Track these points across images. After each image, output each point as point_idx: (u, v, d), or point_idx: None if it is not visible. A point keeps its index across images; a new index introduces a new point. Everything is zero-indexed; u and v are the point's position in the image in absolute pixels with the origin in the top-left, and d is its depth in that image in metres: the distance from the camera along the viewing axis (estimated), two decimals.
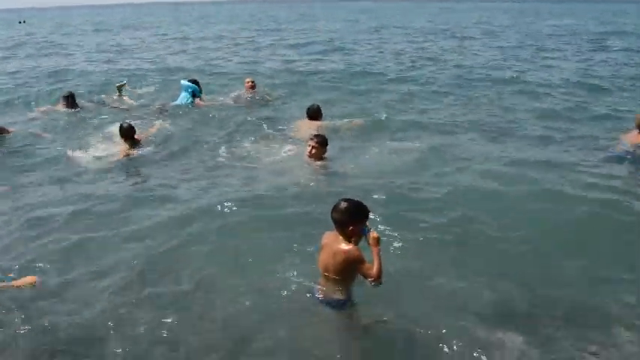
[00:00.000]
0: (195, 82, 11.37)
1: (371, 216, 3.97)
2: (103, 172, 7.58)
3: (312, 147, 6.88)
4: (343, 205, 3.74)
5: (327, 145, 7.00)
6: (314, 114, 9.06)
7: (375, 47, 22.65)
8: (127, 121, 8.66)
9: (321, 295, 3.92)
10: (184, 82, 11.30)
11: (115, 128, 8.78)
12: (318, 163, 6.92)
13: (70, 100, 11.10)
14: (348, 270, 3.76)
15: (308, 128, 8.67)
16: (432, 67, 16.62)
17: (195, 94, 11.15)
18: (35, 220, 5.91)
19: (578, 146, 8.26)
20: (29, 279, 4.55)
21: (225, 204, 5.92)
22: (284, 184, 6.54)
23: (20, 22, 36.43)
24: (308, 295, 4.05)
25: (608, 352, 3.74)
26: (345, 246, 3.70)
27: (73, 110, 11.01)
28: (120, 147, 8.28)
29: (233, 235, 5.37)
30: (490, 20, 33.16)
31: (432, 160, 7.57)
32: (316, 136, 7.03)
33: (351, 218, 3.71)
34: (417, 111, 10.94)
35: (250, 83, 12.04)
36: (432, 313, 4.13)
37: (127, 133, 8.17)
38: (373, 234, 3.70)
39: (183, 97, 11.14)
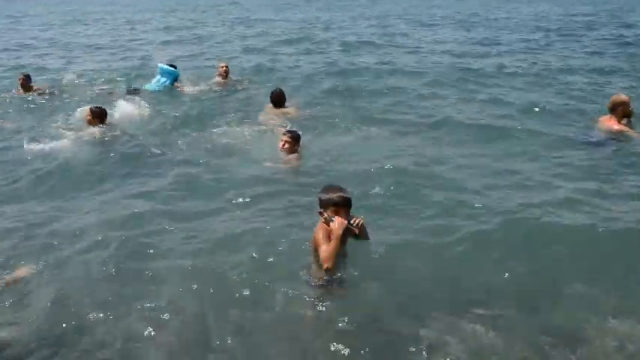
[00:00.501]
0: (174, 67, 11.20)
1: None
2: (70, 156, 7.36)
3: (285, 142, 6.83)
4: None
5: (299, 140, 6.96)
6: (277, 99, 8.85)
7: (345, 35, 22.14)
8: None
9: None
10: (163, 66, 11.07)
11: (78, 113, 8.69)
12: (291, 156, 6.86)
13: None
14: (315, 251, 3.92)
15: (273, 115, 8.56)
16: (407, 56, 16.43)
17: (175, 80, 11.03)
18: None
19: (554, 135, 8.13)
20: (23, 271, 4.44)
21: (195, 198, 5.92)
22: (255, 176, 6.48)
23: None
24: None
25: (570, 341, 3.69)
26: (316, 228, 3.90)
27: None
28: (87, 130, 8.11)
29: (203, 230, 5.22)
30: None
31: (408, 149, 7.49)
32: (289, 131, 7.02)
33: (319, 204, 3.91)
34: (390, 101, 10.64)
35: (224, 68, 11.76)
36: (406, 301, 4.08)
37: (99, 116, 8.14)
38: (337, 219, 3.78)
39: (159, 81, 10.92)
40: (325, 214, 3.80)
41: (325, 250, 3.71)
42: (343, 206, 3.82)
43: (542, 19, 27.12)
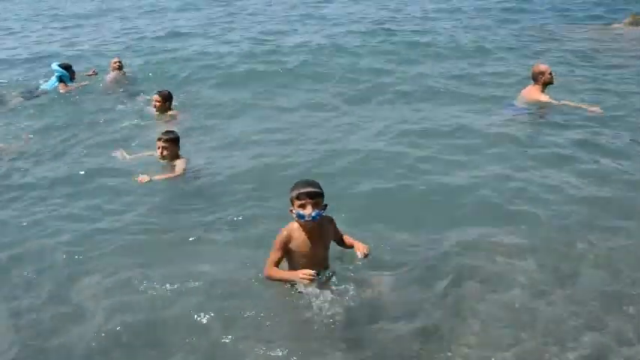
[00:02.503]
0: (67, 67, 10.16)
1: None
2: None
3: (162, 148, 5.86)
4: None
5: (178, 141, 6.00)
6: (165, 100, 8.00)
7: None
8: None
9: None
10: (54, 66, 10.18)
11: None
12: (175, 162, 5.89)
13: None
14: None
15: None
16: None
17: (61, 80, 9.99)
18: None
19: (481, 105, 8.12)
20: None
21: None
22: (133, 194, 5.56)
23: None
24: None
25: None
26: None
27: None
28: None
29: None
30: None
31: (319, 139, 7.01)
32: (164, 133, 5.97)
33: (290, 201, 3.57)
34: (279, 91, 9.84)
35: (118, 64, 10.58)
36: None
37: None
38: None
39: (51, 82, 10.07)
40: (293, 211, 3.50)
41: (270, 266, 3.61)
42: (308, 197, 3.41)
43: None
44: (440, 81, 9.65)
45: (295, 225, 3.55)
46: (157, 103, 7.74)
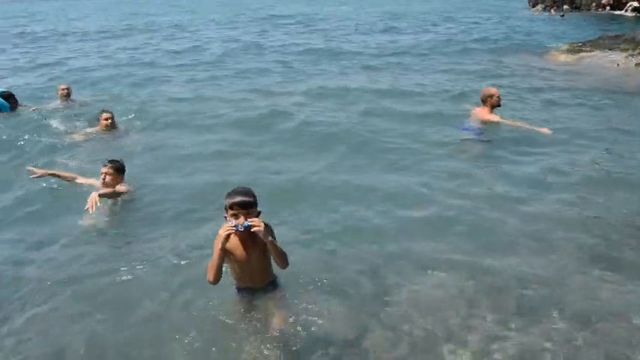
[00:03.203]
0: (8, 96, 9.72)
1: None
2: None
3: (106, 174, 5.68)
4: None
5: (124, 171, 5.85)
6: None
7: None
8: None
9: None
10: None
11: None
12: (119, 189, 5.72)
13: None
14: None
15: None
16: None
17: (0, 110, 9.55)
18: None
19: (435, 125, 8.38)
20: None
21: None
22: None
23: None
24: None
25: None
26: None
27: None
28: None
29: None
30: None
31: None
32: (110, 161, 5.80)
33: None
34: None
35: (65, 91, 10.25)
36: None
37: None
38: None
39: None
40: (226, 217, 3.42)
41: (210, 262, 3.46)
42: (241, 208, 3.35)
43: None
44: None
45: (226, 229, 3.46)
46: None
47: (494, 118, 7.51)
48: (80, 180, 6.00)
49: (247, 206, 3.36)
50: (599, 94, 10.29)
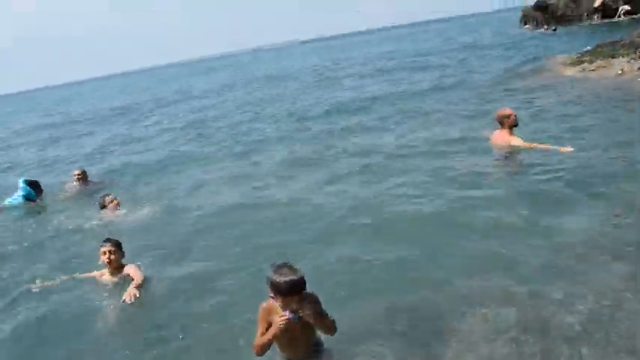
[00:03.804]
0: (33, 183, 9.97)
1: None
2: None
3: (110, 252, 5.46)
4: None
5: (121, 246, 5.63)
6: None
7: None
8: None
9: None
10: (20, 182, 9.97)
11: None
12: (126, 270, 5.49)
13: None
14: None
15: None
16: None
17: (28, 198, 9.76)
18: None
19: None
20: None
21: None
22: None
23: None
24: None
25: None
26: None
27: None
28: None
29: None
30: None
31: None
32: (108, 240, 5.60)
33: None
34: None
35: (79, 175, 10.29)
36: None
37: None
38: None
39: (16, 197, 9.81)
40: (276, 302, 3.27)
41: (257, 337, 3.39)
42: (295, 294, 3.18)
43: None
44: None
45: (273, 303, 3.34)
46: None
47: (516, 142, 7.40)
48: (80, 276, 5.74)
49: (301, 290, 3.21)
50: (610, 103, 10.16)
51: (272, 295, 3.25)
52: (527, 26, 34.92)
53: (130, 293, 4.99)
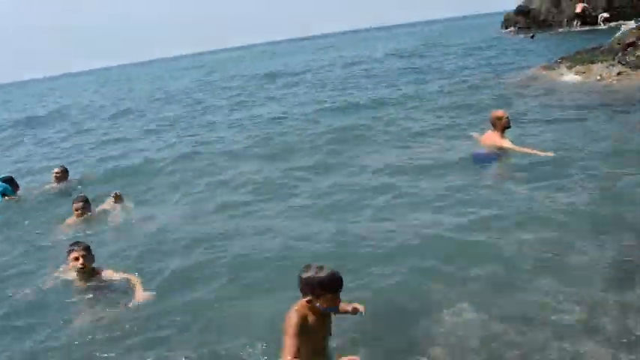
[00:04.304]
0: (8, 180, 9.73)
1: None
2: None
3: (81, 257, 5.08)
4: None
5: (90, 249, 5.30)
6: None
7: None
8: None
9: None
10: None
11: None
12: (103, 273, 5.22)
13: None
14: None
15: None
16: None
17: (5, 194, 9.52)
18: None
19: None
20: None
21: None
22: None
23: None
24: None
25: None
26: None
27: None
28: None
29: None
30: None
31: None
32: (76, 243, 5.26)
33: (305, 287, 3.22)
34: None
35: (58, 174, 10.09)
36: None
37: None
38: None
39: None
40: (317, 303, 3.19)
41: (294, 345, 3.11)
42: (342, 287, 3.22)
43: None
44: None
45: (306, 309, 3.23)
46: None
47: (505, 144, 7.61)
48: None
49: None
50: (589, 107, 10.36)
51: (311, 296, 3.16)
52: (508, 30, 35.35)
53: (141, 297, 4.85)
